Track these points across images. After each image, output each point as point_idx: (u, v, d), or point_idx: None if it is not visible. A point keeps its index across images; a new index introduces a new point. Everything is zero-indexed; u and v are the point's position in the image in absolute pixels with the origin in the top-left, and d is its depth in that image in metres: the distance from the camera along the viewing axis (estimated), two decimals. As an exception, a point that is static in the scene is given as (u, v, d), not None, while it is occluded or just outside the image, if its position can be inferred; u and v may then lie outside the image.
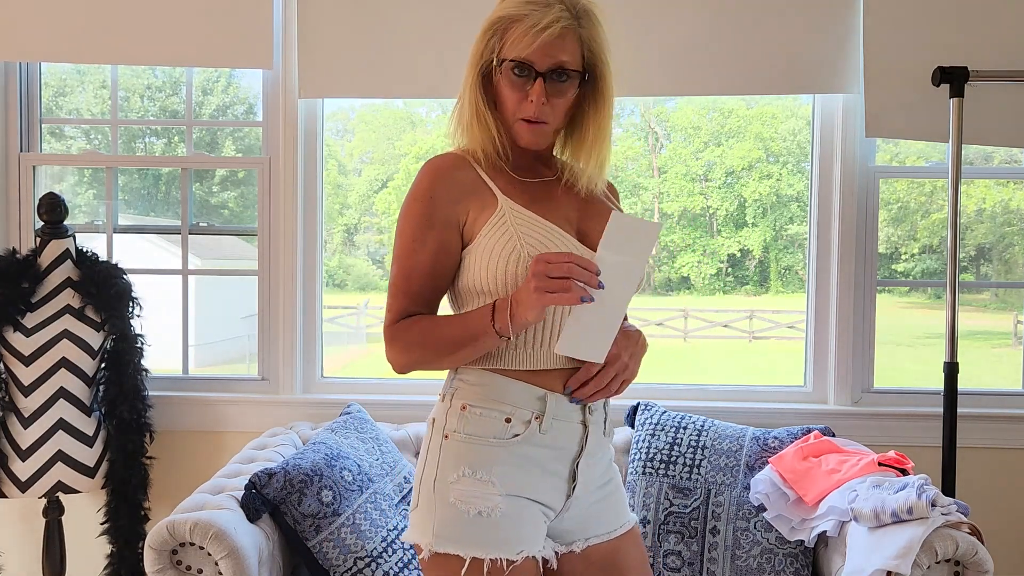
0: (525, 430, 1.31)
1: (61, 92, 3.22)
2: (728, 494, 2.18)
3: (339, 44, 2.51)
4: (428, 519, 1.30)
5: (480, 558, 1.25)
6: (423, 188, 1.32)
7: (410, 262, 1.33)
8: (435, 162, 1.35)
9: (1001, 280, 4.63)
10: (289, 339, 2.64)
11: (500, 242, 1.29)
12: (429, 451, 1.34)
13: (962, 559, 1.71)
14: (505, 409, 1.31)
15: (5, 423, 2.35)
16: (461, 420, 1.31)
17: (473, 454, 1.29)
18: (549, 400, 1.32)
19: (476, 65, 1.36)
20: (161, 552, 1.79)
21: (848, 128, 2.51)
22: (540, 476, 1.32)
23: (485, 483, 1.28)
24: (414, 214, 1.33)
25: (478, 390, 1.32)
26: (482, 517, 1.27)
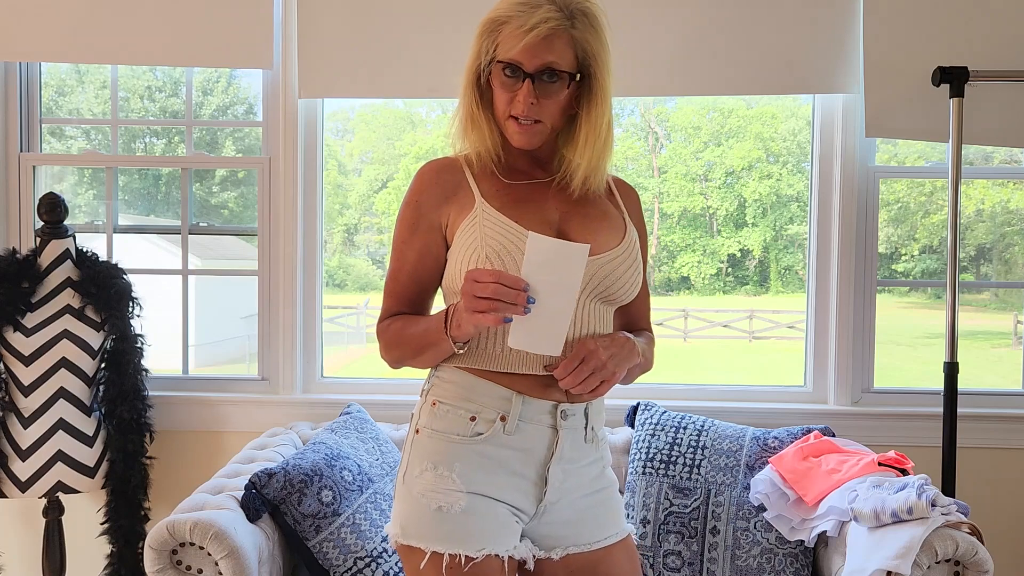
0: (489, 429, 1.32)
1: (61, 92, 3.22)
2: (728, 494, 2.18)
3: (339, 44, 2.51)
4: (398, 511, 1.35)
5: (440, 552, 1.27)
6: (411, 193, 1.39)
7: (397, 264, 1.40)
8: (425, 166, 1.41)
9: (1001, 280, 4.63)
10: (289, 339, 2.64)
11: (467, 243, 1.32)
12: (406, 445, 1.39)
13: (962, 559, 1.71)
14: (471, 407, 1.33)
15: (5, 423, 2.35)
16: (431, 416, 1.35)
17: (436, 450, 1.33)
18: (515, 401, 1.32)
19: (472, 68, 1.38)
20: (161, 552, 1.79)
21: (848, 128, 2.51)
22: (505, 477, 1.32)
23: (446, 478, 1.30)
24: (403, 217, 1.40)
25: (450, 387, 1.35)
26: (442, 512, 1.29)
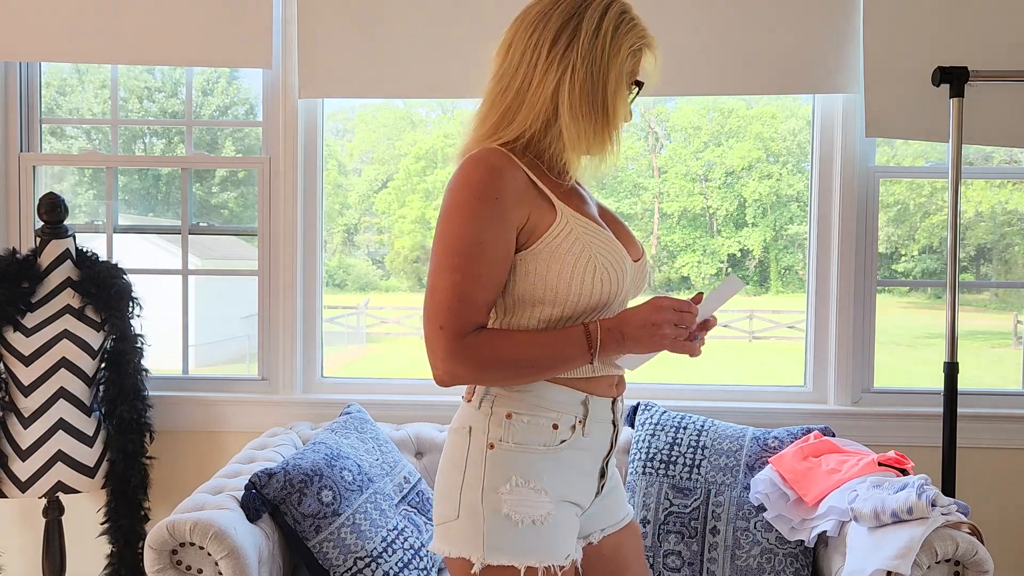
0: (571, 435, 1.31)
1: (62, 92, 3.22)
2: (728, 494, 2.18)
3: (339, 44, 2.51)
4: (475, 531, 1.26)
5: (534, 567, 1.24)
6: (488, 187, 1.23)
7: (476, 267, 1.23)
8: (492, 160, 1.26)
9: (1001, 280, 4.63)
10: (289, 339, 2.64)
11: (571, 250, 1.26)
12: (469, 460, 1.29)
13: (962, 559, 1.71)
14: (551, 416, 1.30)
15: (5, 423, 2.35)
16: (508, 429, 1.28)
17: (524, 463, 1.27)
18: (590, 403, 1.33)
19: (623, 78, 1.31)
20: (161, 552, 1.79)
21: (848, 128, 2.51)
22: (578, 478, 1.33)
23: (539, 492, 1.27)
24: (479, 215, 1.23)
25: (522, 396, 1.29)
26: (535, 526, 1.26)
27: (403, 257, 13.98)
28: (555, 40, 1.28)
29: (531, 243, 1.27)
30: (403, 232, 13.57)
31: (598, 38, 1.27)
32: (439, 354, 1.23)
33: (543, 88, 1.28)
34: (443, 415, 2.58)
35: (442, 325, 1.22)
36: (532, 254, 1.27)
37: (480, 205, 1.23)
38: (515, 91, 1.30)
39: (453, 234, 1.23)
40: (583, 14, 1.28)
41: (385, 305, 14.14)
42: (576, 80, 1.26)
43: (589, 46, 1.27)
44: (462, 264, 1.23)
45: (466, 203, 1.23)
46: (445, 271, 1.23)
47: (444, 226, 1.25)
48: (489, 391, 1.31)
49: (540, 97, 1.28)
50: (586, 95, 1.27)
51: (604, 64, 1.28)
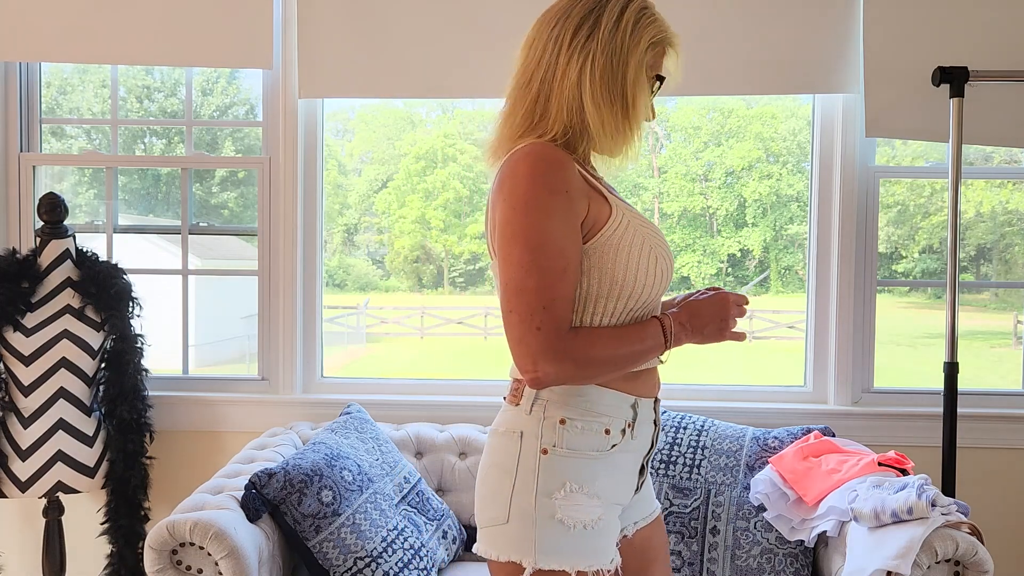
0: (622, 439, 1.32)
1: (63, 91, 3.22)
2: (728, 494, 2.18)
3: (339, 44, 2.51)
4: (526, 535, 1.25)
5: (584, 571, 1.26)
6: (557, 180, 1.22)
7: (561, 263, 1.21)
8: (549, 153, 1.25)
9: (1001, 280, 4.63)
10: (289, 339, 2.64)
11: (633, 241, 1.28)
12: (520, 465, 1.28)
13: (962, 559, 1.71)
14: (603, 420, 1.30)
15: (5, 423, 2.35)
16: (561, 434, 1.28)
17: (578, 469, 1.27)
18: (639, 406, 1.34)
19: (643, 65, 1.31)
20: (161, 552, 1.79)
21: (848, 128, 2.51)
22: (624, 478, 1.35)
23: (592, 497, 1.27)
24: (554, 210, 1.21)
25: (572, 401, 1.29)
26: (586, 530, 1.27)
27: (403, 257, 13.98)
28: (576, 32, 1.28)
29: (590, 237, 1.26)
30: (403, 232, 13.57)
31: (618, 29, 1.28)
32: (540, 356, 1.20)
33: (567, 78, 1.28)
34: (443, 415, 2.58)
35: (539, 327, 1.19)
36: (592, 249, 1.26)
37: (552, 199, 1.21)
38: (538, 83, 1.30)
39: (532, 231, 1.20)
40: (604, 7, 1.29)
41: (385, 305, 14.15)
42: (596, 68, 1.27)
43: (609, 36, 1.28)
44: (547, 262, 1.20)
45: (538, 199, 1.21)
46: (532, 271, 1.20)
47: (519, 223, 1.21)
48: (540, 396, 1.30)
49: (566, 87, 1.28)
50: (606, 82, 1.27)
51: (624, 54, 1.28)
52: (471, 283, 14.21)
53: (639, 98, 1.30)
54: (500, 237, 1.24)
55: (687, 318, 1.31)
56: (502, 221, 1.23)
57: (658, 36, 1.32)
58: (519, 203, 1.21)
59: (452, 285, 14.45)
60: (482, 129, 13.78)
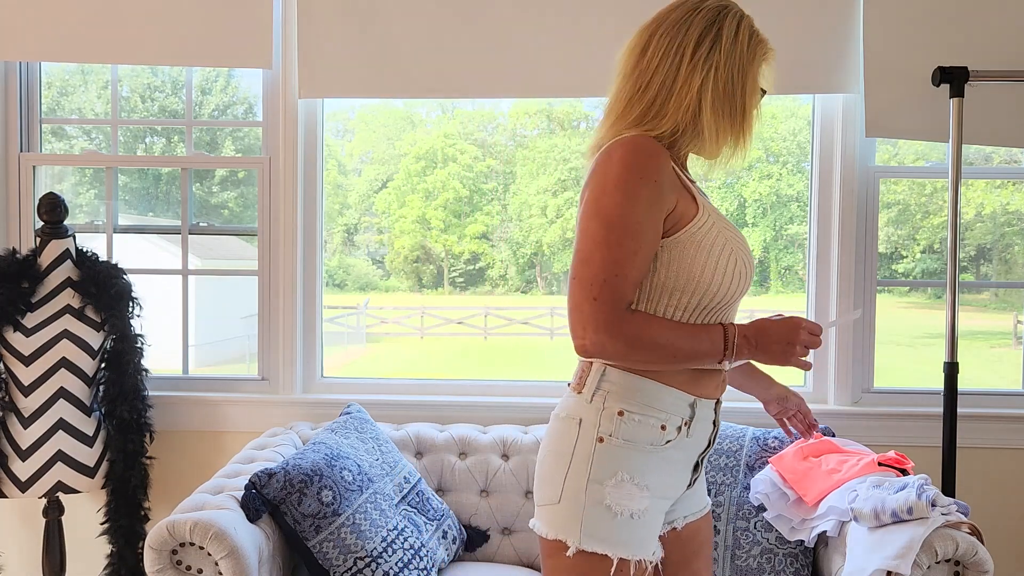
0: (677, 436, 1.36)
1: (64, 92, 3.22)
2: (728, 494, 2.18)
3: (339, 44, 2.51)
4: (574, 517, 1.31)
5: (627, 559, 1.31)
6: (650, 169, 1.30)
7: (634, 245, 1.28)
8: (649, 144, 1.32)
9: (1001, 280, 4.63)
10: (289, 339, 2.64)
11: (716, 242, 1.34)
12: (577, 451, 1.34)
13: (962, 559, 1.71)
14: (661, 416, 1.35)
15: (5, 423, 2.35)
16: (619, 425, 1.33)
17: (631, 460, 1.32)
18: (698, 406, 1.38)
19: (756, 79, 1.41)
20: (161, 552, 1.79)
21: (848, 128, 2.51)
22: (677, 474, 1.39)
23: (641, 488, 1.32)
24: (640, 195, 1.29)
25: (633, 395, 1.34)
26: (632, 520, 1.31)
27: (403, 257, 13.98)
28: (698, 43, 1.37)
29: (674, 232, 1.33)
30: (403, 232, 13.57)
31: (737, 44, 1.38)
32: (590, 325, 1.27)
33: (689, 86, 1.36)
34: (442, 415, 2.58)
35: (596, 297, 1.26)
36: (675, 243, 1.33)
37: (641, 186, 1.29)
38: (656, 88, 1.37)
39: (614, 210, 1.27)
40: (722, 22, 1.38)
41: (385, 305, 14.14)
42: (719, 79, 1.36)
43: (730, 49, 1.37)
44: (621, 240, 1.27)
45: (628, 182, 1.28)
46: (603, 245, 1.27)
47: (604, 201, 1.28)
48: (601, 386, 1.35)
49: (687, 94, 1.35)
50: (728, 94, 1.36)
51: (743, 67, 1.38)
52: (471, 283, 14.21)
53: (752, 108, 1.40)
54: (583, 212, 1.32)
55: (753, 333, 1.36)
56: (589, 198, 1.31)
57: (767, 52, 1.43)
58: (609, 183, 1.29)
59: (452, 285, 14.44)
60: (482, 129, 13.77)
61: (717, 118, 1.36)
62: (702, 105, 1.35)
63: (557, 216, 12.41)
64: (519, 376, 4.30)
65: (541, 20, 2.48)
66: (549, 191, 12.50)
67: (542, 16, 2.48)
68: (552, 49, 2.48)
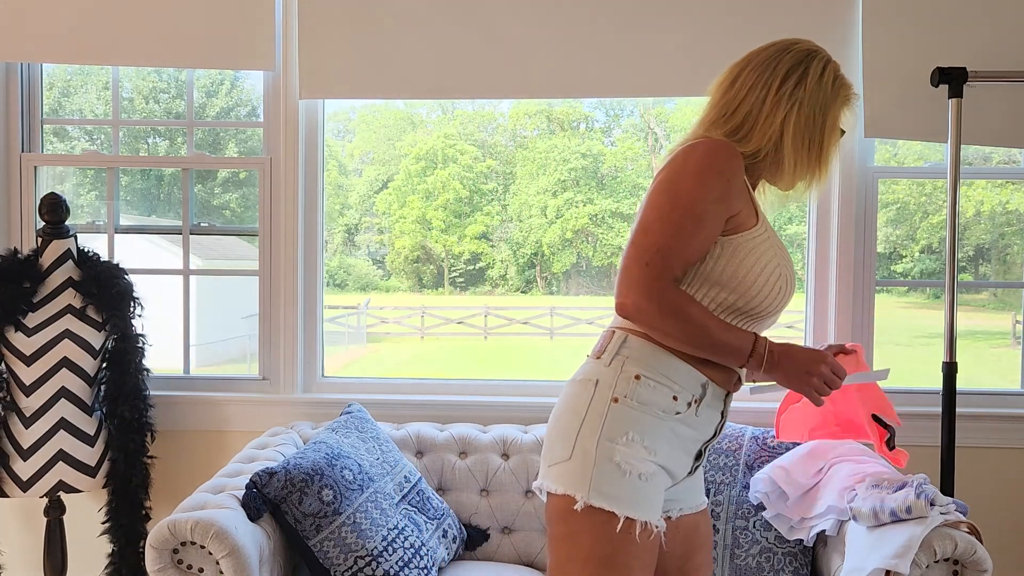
0: (686, 410, 1.42)
1: (65, 93, 3.23)
2: (727, 493, 2.19)
3: (340, 45, 2.52)
4: (584, 473, 1.35)
5: (633, 518, 1.34)
6: (726, 166, 1.40)
7: (694, 228, 1.37)
8: (731, 148, 1.42)
9: (999, 280, 4.63)
10: (290, 339, 2.64)
11: (767, 253, 1.43)
12: (591, 409, 1.39)
13: (961, 558, 1.71)
14: (673, 387, 1.41)
15: (6, 423, 2.36)
16: (635, 388, 1.39)
17: (642, 422, 1.38)
18: (708, 388, 1.44)
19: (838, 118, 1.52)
20: (162, 551, 1.80)
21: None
22: (681, 452, 1.44)
23: (650, 451, 1.37)
24: (712, 186, 1.38)
25: (651, 362, 1.41)
26: (641, 481, 1.35)
27: (403, 257, 13.98)
28: (784, 79, 1.47)
29: (732, 233, 1.42)
30: (403, 232, 13.57)
31: (821, 83, 1.48)
32: (635, 286, 1.35)
33: (774, 117, 1.46)
34: (443, 414, 2.59)
35: (649, 263, 1.35)
36: (732, 242, 1.42)
37: (716, 178, 1.38)
38: (743, 116, 1.47)
39: (685, 192, 1.37)
40: (810, 63, 1.48)
41: (385, 305, 14.14)
42: (802, 115, 1.46)
43: (815, 88, 1.47)
44: (683, 220, 1.37)
45: (704, 172, 1.38)
46: (665, 220, 1.37)
47: (678, 182, 1.38)
48: (621, 351, 1.42)
49: (771, 125, 1.46)
50: (808, 129, 1.47)
51: (825, 105, 1.48)
52: (471, 283, 14.21)
53: (831, 145, 1.50)
54: (654, 188, 1.41)
55: (781, 351, 1.42)
56: (664, 178, 1.41)
57: (851, 95, 1.52)
58: (687, 169, 1.39)
59: (452, 285, 14.44)
60: (482, 130, 13.77)
61: (797, 150, 1.46)
62: (784, 136, 1.45)
63: (557, 216, 12.41)
64: (519, 376, 4.31)
65: (541, 21, 2.49)
66: (549, 191, 12.50)
67: (542, 17, 2.49)
68: (552, 49, 2.49)
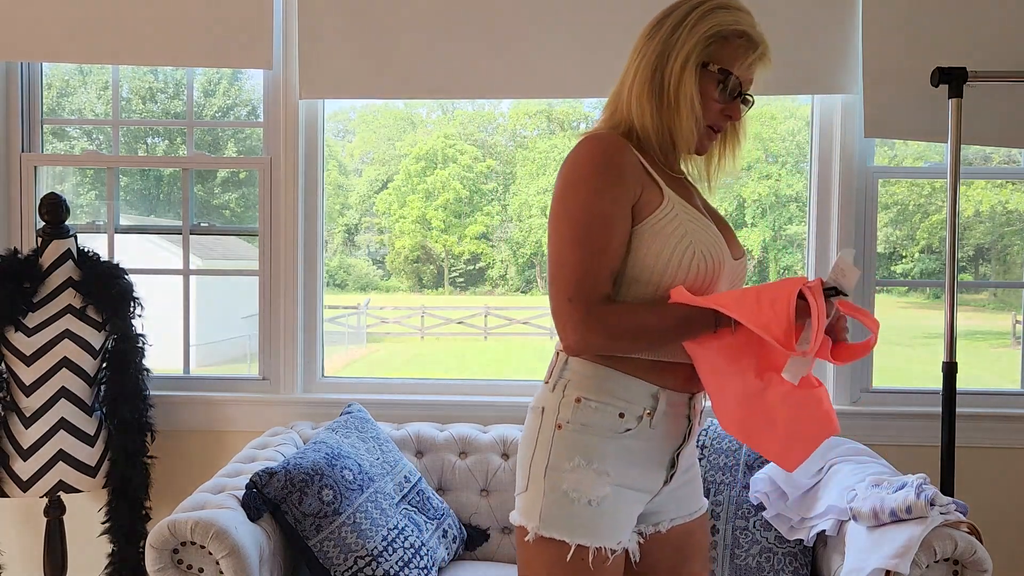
0: (637, 425, 1.34)
1: (64, 92, 3.23)
2: (727, 493, 2.19)
3: (339, 44, 2.52)
4: (535, 503, 1.33)
5: (585, 545, 1.30)
6: (609, 162, 1.30)
7: (601, 239, 1.28)
8: (607, 138, 1.33)
9: (999, 280, 4.64)
10: (290, 339, 2.64)
11: (674, 232, 1.31)
12: (539, 438, 1.35)
13: (961, 558, 1.71)
14: (619, 404, 1.34)
15: (7, 423, 2.36)
16: (575, 412, 1.33)
17: (588, 445, 1.32)
18: (661, 397, 1.35)
19: (696, 57, 1.34)
20: (162, 551, 1.80)
21: (847, 128, 2.52)
22: (644, 465, 1.37)
23: (600, 474, 1.31)
24: (602, 189, 1.29)
25: (593, 383, 1.34)
26: (591, 506, 1.31)
27: (403, 257, 13.99)
28: (646, 38, 1.39)
29: (637, 222, 1.32)
30: (403, 232, 13.58)
31: (675, 28, 1.35)
32: (571, 325, 1.28)
33: (625, 80, 1.39)
34: (443, 415, 2.59)
35: (571, 297, 1.28)
36: (637, 233, 1.32)
37: (601, 179, 1.29)
38: (614, 97, 1.41)
39: (578, 207, 1.28)
40: (675, 9, 1.38)
41: (385, 305, 14.15)
42: (643, 67, 1.36)
43: (666, 36, 1.36)
44: (587, 237, 1.28)
45: (588, 177, 1.29)
46: (571, 244, 1.28)
47: (568, 200, 1.30)
48: (564, 375, 1.36)
49: (624, 89, 1.39)
50: (647, 80, 1.35)
51: (670, 50, 1.35)
52: (471, 283, 14.21)
53: (681, 92, 1.34)
54: (551, 212, 1.33)
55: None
56: (555, 198, 1.32)
57: (717, 28, 1.34)
58: (572, 181, 1.30)
59: (452, 285, 14.45)
60: (482, 130, 13.77)
61: (642, 107, 1.35)
62: (631, 98, 1.37)
63: (557, 216, 12.39)
64: (519, 376, 4.31)
65: (541, 21, 2.49)
66: (549, 191, 12.51)
67: (542, 17, 2.49)
68: (551, 49, 2.49)
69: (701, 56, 1.34)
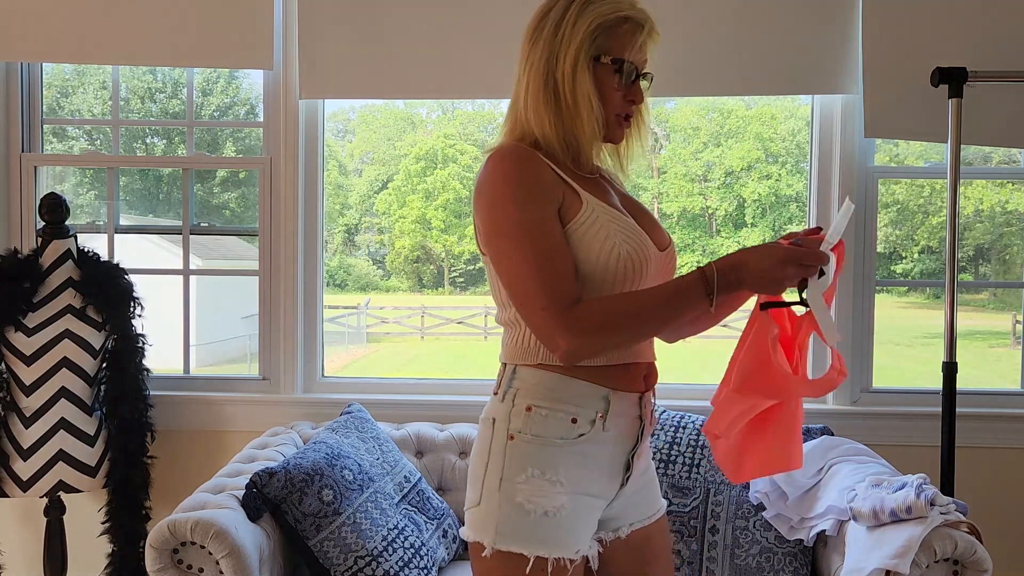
0: (590, 429, 1.32)
1: (63, 93, 3.23)
2: (727, 493, 2.19)
3: (339, 44, 2.52)
4: (491, 517, 1.30)
5: (544, 557, 1.27)
6: (525, 172, 1.27)
7: (546, 244, 1.25)
8: (517, 149, 1.30)
9: (999, 280, 4.64)
10: (290, 339, 2.64)
11: (596, 236, 1.28)
12: (492, 450, 1.32)
13: (961, 558, 1.71)
14: (570, 410, 1.31)
15: (7, 422, 2.36)
16: (527, 421, 1.31)
17: (541, 455, 1.30)
18: (612, 399, 1.33)
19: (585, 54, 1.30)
20: (162, 551, 1.80)
21: (847, 128, 2.52)
22: (600, 470, 1.34)
23: (554, 483, 1.29)
24: (527, 199, 1.26)
25: (541, 390, 1.32)
26: (548, 517, 1.28)
27: (403, 257, 14.00)
28: (529, 44, 1.35)
29: (566, 225, 1.29)
30: (403, 232, 13.59)
31: (558, 27, 1.31)
32: (556, 333, 1.23)
33: (518, 89, 1.35)
34: (443, 415, 2.59)
35: (544, 306, 1.23)
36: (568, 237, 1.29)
37: (522, 190, 1.26)
38: (512, 99, 1.38)
39: (511, 223, 1.25)
40: (550, 10, 1.33)
41: (385, 305, 14.16)
42: (533, 74, 1.32)
43: (550, 37, 1.31)
44: (532, 246, 1.24)
45: (510, 192, 1.26)
46: (520, 258, 1.25)
47: (499, 220, 1.27)
48: (512, 384, 1.34)
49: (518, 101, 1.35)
50: (540, 89, 1.32)
51: (555, 55, 1.31)
52: (471, 283, 14.22)
53: (579, 93, 1.30)
54: (485, 236, 1.30)
55: (731, 269, 1.23)
56: (483, 220, 1.29)
57: (599, 20, 1.30)
58: (495, 199, 1.27)
59: (452, 285, 14.46)
60: (482, 130, 13.78)
61: (539, 116, 1.31)
62: (528, 112, 1.33)
63: (557, 216, 12.41)
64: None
65: (541, 21, 2.49)
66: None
67: (542, 17, 2.49)
68: (552, 50, 2.49)
69: (590, 51, 1.30)
